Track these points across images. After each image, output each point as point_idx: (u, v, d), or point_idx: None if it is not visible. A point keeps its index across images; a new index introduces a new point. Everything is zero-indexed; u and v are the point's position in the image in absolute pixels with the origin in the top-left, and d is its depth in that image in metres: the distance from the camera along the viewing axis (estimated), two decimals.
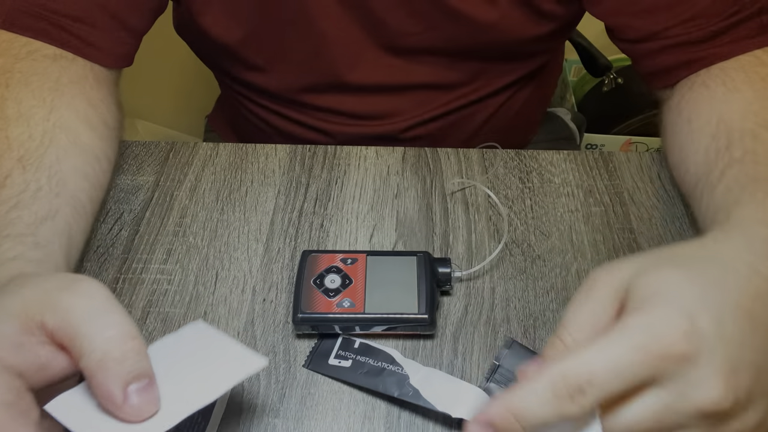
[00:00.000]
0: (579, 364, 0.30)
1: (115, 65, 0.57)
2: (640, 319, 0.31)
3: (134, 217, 0.57)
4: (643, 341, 0.30)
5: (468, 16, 0.62)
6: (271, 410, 0.45)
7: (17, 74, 0.50)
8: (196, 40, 0.72)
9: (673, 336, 0.30)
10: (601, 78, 1.30)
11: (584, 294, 0.35)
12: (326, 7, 0.62)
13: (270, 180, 0.61)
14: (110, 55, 0.56)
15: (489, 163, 0.63)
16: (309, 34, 0.64)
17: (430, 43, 0.65)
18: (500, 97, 0.75)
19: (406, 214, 0.58)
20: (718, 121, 0.49)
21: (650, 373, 0.30)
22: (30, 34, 0.52)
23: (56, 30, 0.53)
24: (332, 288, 0.48)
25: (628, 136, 1.30)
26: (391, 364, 0.46)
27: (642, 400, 0.31)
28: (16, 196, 0.44)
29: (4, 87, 0.49)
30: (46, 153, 0.47)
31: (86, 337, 0.31)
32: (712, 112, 0.50)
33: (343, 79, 0.68)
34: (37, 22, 0.52)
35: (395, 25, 0.64)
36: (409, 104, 0.73)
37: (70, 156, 0.48)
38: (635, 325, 0.31)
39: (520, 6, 0.62)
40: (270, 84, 0.71)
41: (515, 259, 0.54)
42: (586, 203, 0.58)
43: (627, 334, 0.31)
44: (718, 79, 0.51)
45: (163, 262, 0.54)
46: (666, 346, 0.30)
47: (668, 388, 0.30)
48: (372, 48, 0.66)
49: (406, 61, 0.68)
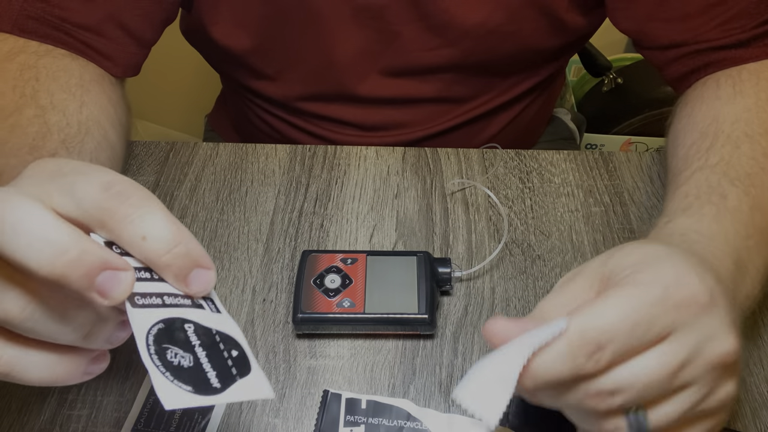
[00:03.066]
0: (596, 319, 0.30)
1: (124, 75, 0.57)
2: (650, 275, 0.31)
3: None
4: (661, 293, 0.30)
5: (487, 28, 0.61)
6: (271, 410, 0.45)
7: (43, 69, 0.50)
8: (205, 47, 0.71)
9: (691, 285, 0.31)
10: (600, 78, 1.30)
11: (560, 286, 0.35)
12: (340, 19, 0.61)
13: (270, 180, 0.61)
14: (120, 65, 0.56)
15: (489, 163, 0.63)
16: (319, 46, 0.64)
17: (445, 58, 0.64)
18: (510, 111, 0.75)
19: (406, 214, 0.58)
20: (713, 120, 0.49)
21: (667, 326, 0.30)
22: (41, 40, 0.52)
23: (68, 38, 0.53)
24: (332, 288, 0.48)
25: (628, 136, 1.30)
26: (407, 420, 0.43)
27: (654, 353, 0.31)
28: None
29: (35, 80, 0.49)
30: (85, 140, 0.47)
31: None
32: (711, 110, 0.50)
33: (352, 91, 0.68)
34: (48, 30, 0.52)
35: (410, 40, 0.63)
36: (418, 117, 0.72)
37: (103, 150, 0.49)
38: (647, 280, 0.31)
39: (542, 18, 0.61)
40: (277, 92, 0.71)
41: (515, 259, 0.54)
42: (586, 203, 0.58)
43: (642, 289, 0.31)
44: (730, 80, 0.52)
45: None
46: (685, 296, 0.30)
47: (681, 340, 0.30)
48: (383, 62, 0.65)
49: (418, 76, 0.67)
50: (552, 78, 0.77)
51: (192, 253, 0.29)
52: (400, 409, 0.44)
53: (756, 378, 0.46)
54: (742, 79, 0.51)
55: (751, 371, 0.47)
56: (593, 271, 0.34)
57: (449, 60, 0.65)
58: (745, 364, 0.47)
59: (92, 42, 0.54)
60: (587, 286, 0.34)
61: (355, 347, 0.48)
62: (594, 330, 0.30)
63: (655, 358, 0.30)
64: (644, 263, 0.32)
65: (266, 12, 0.61)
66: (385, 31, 0.62)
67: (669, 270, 0.31)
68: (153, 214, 0.28)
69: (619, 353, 0.30)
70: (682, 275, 0.31)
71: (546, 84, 0.76)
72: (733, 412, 0.44)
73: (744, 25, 0.52)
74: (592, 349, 0.29)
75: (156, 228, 0.28)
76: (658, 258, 0.33)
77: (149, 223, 0.28)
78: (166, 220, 0.29)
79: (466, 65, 0.66)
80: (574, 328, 0.30)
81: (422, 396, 0.45)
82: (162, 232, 0.28)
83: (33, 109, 0.47)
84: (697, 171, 0.45)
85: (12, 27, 0.51)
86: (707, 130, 0.49)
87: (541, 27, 0.62)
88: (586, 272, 0.35)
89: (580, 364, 0.30)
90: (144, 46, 0.58)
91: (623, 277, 0.32)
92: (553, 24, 0.62)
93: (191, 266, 0.29)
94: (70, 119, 0.48)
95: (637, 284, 0.31)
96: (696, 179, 0.45)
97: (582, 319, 0.30)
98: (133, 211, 0.28)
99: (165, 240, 0.28)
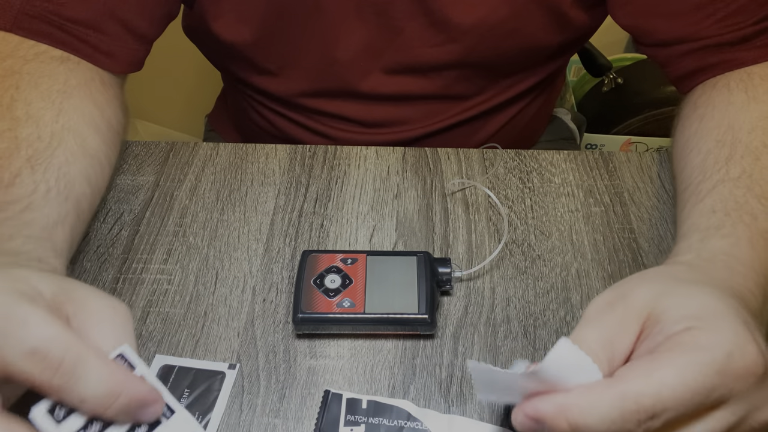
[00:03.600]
0: (656, 387, 0.29)
1: (125, 71, 0.57)
2: (711, 338, 0.30)
3: (134, 217, 0.57)
4: (722, 364, 0.29)
5: (490, 24, 0.61)
6: (271, 410, 0.45)
7: (26, 76, 0.50)
8: (207, 43, 0.71)
9: (752, 356, 0.30)
10: (600, 78, 1.30)
11: (599, 313, 0.33)
12: (344, 14, 0.61)
13: (270, 180, 0.61)
14: (120, 62, 0.56)
15: (489, 163, 0.63)
16: (322, 41, 0.64)
17: (448, 55, 0.64)
18: (511, 109, 0.75)
19: (406, 214, 0.58)
20: (728, 128, 0.48)
21: (723, 396, 0.29)
22: (38, 38, 0.52)
23: (66, 36, 0.53)
24: (332, 288, 0.48)
25: (628, 136, 1.30)
26: (407, 421, 0.43)
27: (704, 423, 0.30)
28: (27, 196, 0.44)
29: (15, 89, 0.49)
30: (55, 154, 0.47)
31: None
32: (725, 117, 0.49)
33: (354, 87, 0.68)
34: (47, 27, 0.52)
35: (413, 36, 0.63)
36: (419, 114, 0.72)
37: (78, 159, 0.48)
38: (709, 345, 0.29)
39: (546, 14, 0.61)
40: (279, 88, 0.71)
41: (515, 259, 0.54)
42: (586, 203, 0.58)
43: (703, 356, 0.29)
44: (741, 84, 0.51)
45: (163, 262, 0.54)
46: (746, 367, 0.29)
47: (733, 409, 0.30)
48: (386, 59, 0.65)
49: (420, 73, 0.67)
50: (552, 77, 0.77)
51: (133, 398, 0.31)
52: (401, 409, 0.44)
53: None
54: (754, 84, 0.51)
55: None
56: (640, 307, 0.32)
57: (452, 57, 0.65)
58: None
59: (92, 39, 0.53)
60: (631, 322, 0.32)
61: (355, 347, 0.48)
62: (651, 398, 0.28)
63: (704, 427, 0.30)
64: (702, 320, 0.31)
65: (269, 7, 0.61)
66: (388, 26, 0.62)
67: (729, 335, 0.30)
68: (85, 374, 0.29)
69: (670, 422, 0.29)
70: (743, 343, 0.30)
71: (546, 83, 0.76)
72: None
73: (743, 21, 0.52)
74: (645, 416, 0.28)
75: (90, 389, 0.29)
76: (717, 316, 0.31)
77: (83, 387, 0.29)
78: (98, 378, 0.30)
79: (468, 62, 0.66)
80: (630, 391, 0.29)
81: (422, 396, 0.45)
82: (97, 392, 0.29)
83: (7, 122, 0.47)
84: (720, 184, 0.45)
85: (12, 25, 0.51)
86: (723, 139, 0.48)
87: (545, 23, 0.62)
88: (630, 305, 0.33)
89: (628, 430, 0.29)
90: (145, 41, 0.58)
91: (677, 332, 0.31)
92: (556, 20, 0.62)
93: (137, 408, 0.31)
94: (42, 131, 0.47)
95: (698, 349, 0.29)
96: (720, 193, 0.44)
97: (639, 383, 0.29)
98: (64, 381, 0.29)
99: (102, 398, 0.30)
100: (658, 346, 0.31)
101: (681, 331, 0.30)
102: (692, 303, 0.32)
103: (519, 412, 0.31)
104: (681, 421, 0.30)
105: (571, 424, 0.29)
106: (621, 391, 0.29)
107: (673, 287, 0.33)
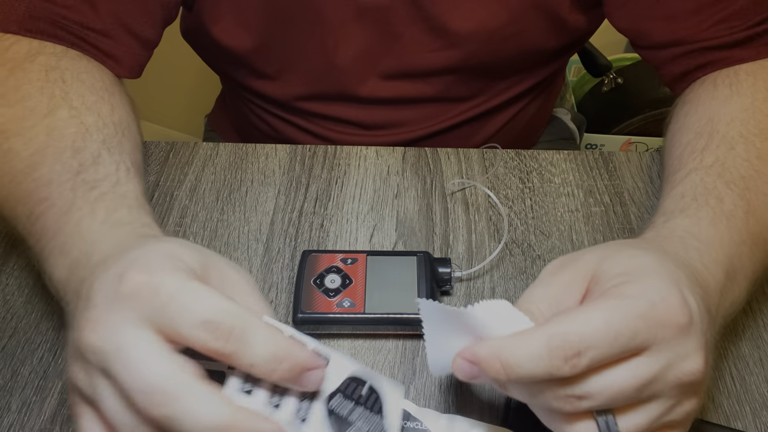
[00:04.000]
0: (580, 326, 0.31)
1: (129, 76, 0.57)
2: (637, 288, 0.32)
3: None
4: (644, 309, 0.31)
5: (489, 30, 0.61)
6: None
7: (67, 71, 0.50)
8: (205, 47, 0.71)
9: (675, 306, 0.31)
10: (600, 78, 1.30)
11: (549, 275, 0.36)
12: (343, 20, 0.61)
13: (270, 180, 0.61)
14: (125, 66, 0.56)
15: (489, 163, 0.63)
16: (321, 46, 0.64)
17: (446, 60, 0.64)
18: (510, 109, 0.75)
19: (406, 214, 0.58)
20: (708, 120, 0.49)
21: (645, 341, 0.31)
22: (52, 40, 0.51)
23: (76, 39, 0.52)
24: (332, 288, 0.48)
25: (628, 136, 1.30)
26: (407, 420, 0.42)
27: (628, 366, 0.31)
28: (114, 173, 0.44)
29: (62, 82, 0.49)
30: (122, 142, 0.47)
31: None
32: (707, 111, 0.50)
33: (352, 91, 0.68)
34: (57, 31, 0.51)
35: (412, 42, 0.63)
36: (418, 116, 0.72)
37: (138, 152, 0.49)
38: (634, 294, 0.32)
39: (544, 18, 0.61)
40: (277, 92, 0.71)
41: (515, 259, 0.54)
42: (586, 203, 0.59)
43: (628, 302, 0.31)
44: (727, 80, 0.52)
45: None
46: (668, 315, 0.31)
47: (657, 357, 0.31)
48: (384, 64, 0.65)
49: (418, 78, 0.67)
50: (551, 78, 0.77)
51: (297, 363, 0.32)
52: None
53: (756, 378, 0.46)
54: (739, 80, 0.51)
55: (751, 371, 0.47)
56: (585, 268, 0.35)
57: (450, 62, 0.65)
58: (746, 363, 0.47)
59: (98, 43, 0.53)
60: (577, 281, 0.35)
61: (355, 347, 0.48)
62: (576, 335, 0.30)
63: (629, 371, 0.31)
64: (633, 275, 0.33)
65: (268, 11, 0.61)
66: (387, 32, 0.62)
67: (655, 286, 0.32)
68: (254, 341, 0.31)
69: (596, 361, 0.31)
70: (667, 294, 0.32)
71: (546, 84, 0.76)
72: (734, 412, 0.44)
73: (739, 25, 0.52)
74: (571, 353, 0.30)
75: (258, 354, 0.31)
76: (648, 272, 0.33)
77: (252, 353, 0.31)
78: (264, 343, 0.31)
79: (467, 67, 0.66)
80: (556, 330, 0.31)
81: (422, 396, 0.45)
82: (265, 356, 0.31)
83: (67, 110, 0.47)
84: (692, 172, 0.46)
85: (18, 28, 0.51)
86: (702, 130, 0.49)
87: (544, 28, 0.62)
88: (577, 267, 0.35)
89: (556, 366, 0.30)
90: (147, 46, 0.58)
91: (611, 286, 0.33)
92: (555, 24, 0.62)
93: (300, 372, 0.32)
94: (106, 121, 0.48)
95: (623, 297, 0.32)
96: (691, 180, 0.45)
97: (566, 323, 0.31)
98: (236, 348, 0.31)
99: (269, 363, 0.31)
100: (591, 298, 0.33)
101: (612, 285, 0.33)
102: (630, 263, 0.34)
103: (457, 358, 0.33)
104: (607, 365, 0.31)
105: (503, 364, 0.31)
106: (548, 330, 0.31)
107: (618, 251, 0.35)
